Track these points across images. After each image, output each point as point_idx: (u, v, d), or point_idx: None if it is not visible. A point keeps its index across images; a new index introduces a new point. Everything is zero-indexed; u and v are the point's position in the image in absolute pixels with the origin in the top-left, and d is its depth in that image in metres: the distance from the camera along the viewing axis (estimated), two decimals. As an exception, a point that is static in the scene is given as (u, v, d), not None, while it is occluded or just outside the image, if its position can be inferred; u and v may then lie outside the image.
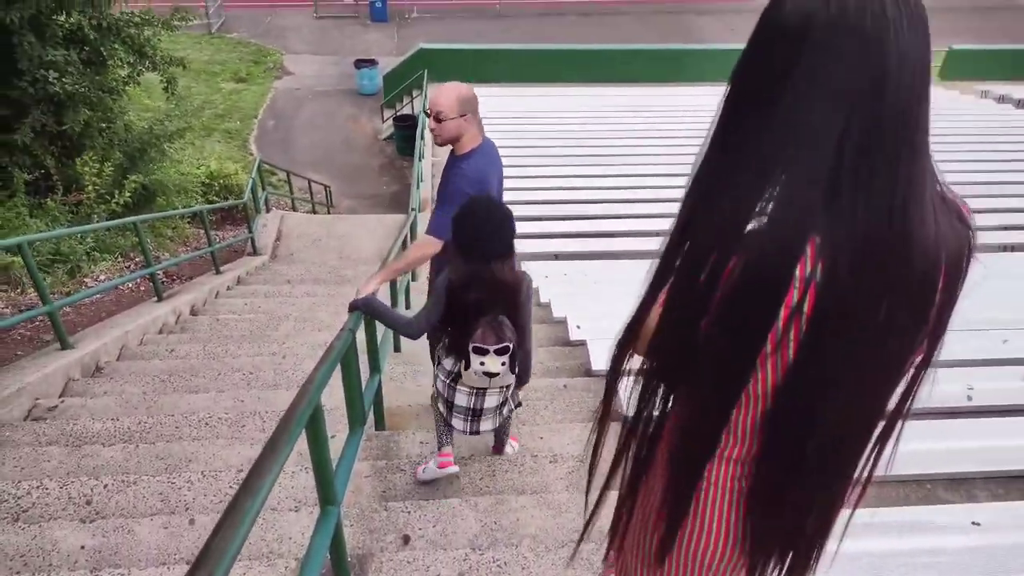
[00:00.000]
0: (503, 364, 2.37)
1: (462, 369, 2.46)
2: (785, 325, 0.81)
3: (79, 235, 6.97)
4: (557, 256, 7.30)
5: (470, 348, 2.36)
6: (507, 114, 13.60)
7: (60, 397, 4.10)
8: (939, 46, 17.79)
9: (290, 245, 9.25)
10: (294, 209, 11.72)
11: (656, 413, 0.99)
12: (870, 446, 0.94)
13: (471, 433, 2.65)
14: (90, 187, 7.57)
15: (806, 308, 0.80)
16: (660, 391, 0.98)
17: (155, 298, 6.01)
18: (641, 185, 9.21)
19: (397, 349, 4.71)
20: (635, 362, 1.00)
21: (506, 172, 2.91)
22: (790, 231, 0.79)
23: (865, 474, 0.96)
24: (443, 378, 2.57)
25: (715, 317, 0.83)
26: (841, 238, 0.78)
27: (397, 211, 11.89)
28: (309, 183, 12.31)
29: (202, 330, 5.68)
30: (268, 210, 10.01)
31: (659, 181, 9.23)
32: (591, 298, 5.60)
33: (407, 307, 5.23)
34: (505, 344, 2.34)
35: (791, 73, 0.77)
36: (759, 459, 0.96)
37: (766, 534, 1.01)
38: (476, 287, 2.28)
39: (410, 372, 4.48)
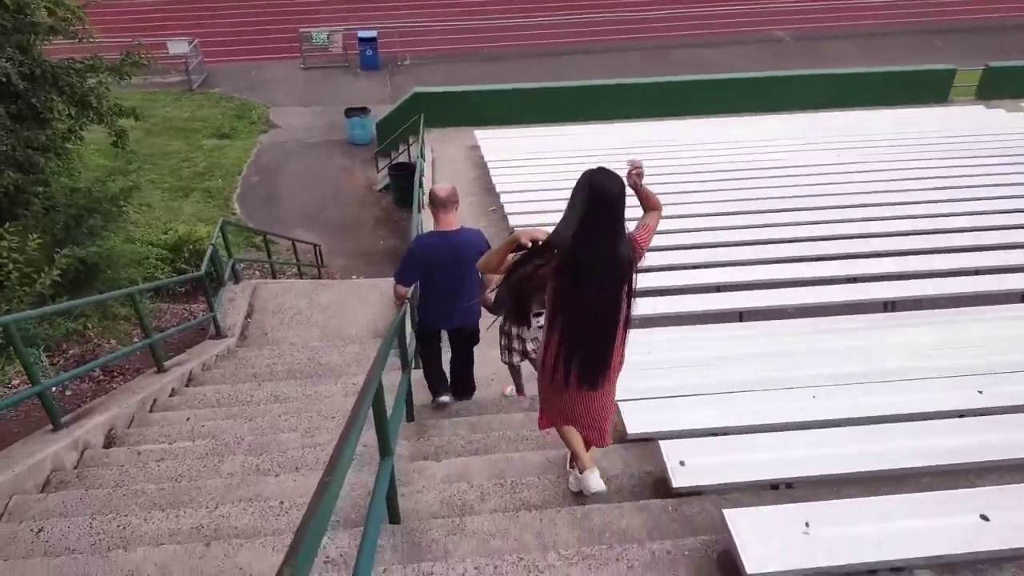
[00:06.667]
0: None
1: (525, 331, 4.45)
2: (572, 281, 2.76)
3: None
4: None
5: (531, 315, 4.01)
6: (517, 155, 12.34)
7: None
8: (976, 65, 16.62)
9: (264, 322, 7.68)
10: (273, 276, 10.22)
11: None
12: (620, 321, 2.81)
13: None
14: (11, 265, 6.13)
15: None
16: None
17: (50, 426, 4.24)
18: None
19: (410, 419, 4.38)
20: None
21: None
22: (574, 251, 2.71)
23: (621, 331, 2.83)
24: (517, 346, 4.54)
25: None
26: (588, 253, 2.68)
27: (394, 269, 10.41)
28: (293, 243, 10.87)
29: (105, 481, 3.87)
30: (237, 280, 8.46)
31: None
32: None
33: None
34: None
35: (582, 200, 2.65)
36: (570, 323, 2.82)
37: (573, 347, 2.82)
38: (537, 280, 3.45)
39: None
